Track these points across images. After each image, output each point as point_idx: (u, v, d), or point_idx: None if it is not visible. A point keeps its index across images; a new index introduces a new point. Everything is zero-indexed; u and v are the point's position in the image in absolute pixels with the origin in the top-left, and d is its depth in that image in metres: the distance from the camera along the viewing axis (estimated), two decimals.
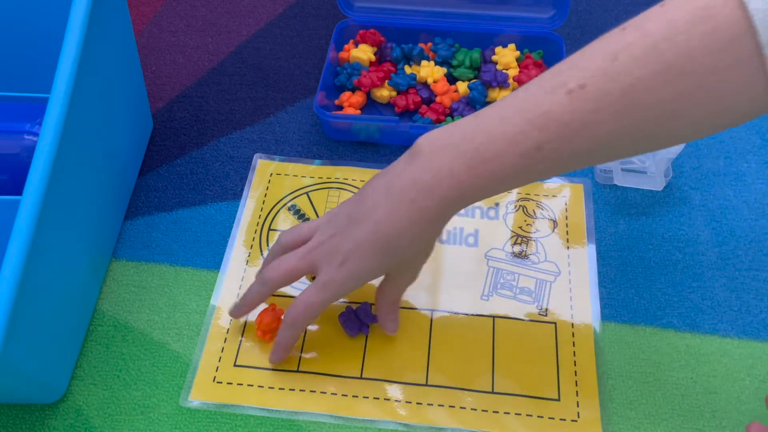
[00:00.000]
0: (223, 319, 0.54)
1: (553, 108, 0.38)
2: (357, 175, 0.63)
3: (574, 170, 0.41)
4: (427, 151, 0.42)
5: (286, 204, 0.61)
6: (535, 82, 0.40)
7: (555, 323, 0.54)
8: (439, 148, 0.42)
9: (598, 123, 0.38)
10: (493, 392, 0.50)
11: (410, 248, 0.45)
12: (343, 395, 0.50)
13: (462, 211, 0.60)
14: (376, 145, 0.66)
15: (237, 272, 0.57)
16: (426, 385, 0.51)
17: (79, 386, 0.51)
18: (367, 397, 0.50)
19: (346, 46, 0.72)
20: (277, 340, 0.50)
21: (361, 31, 0.71)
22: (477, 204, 0.61)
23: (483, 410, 0.49)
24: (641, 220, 0.60)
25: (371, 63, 0.70)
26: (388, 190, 0.44)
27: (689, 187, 0.62)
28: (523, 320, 0.54)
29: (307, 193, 0.62)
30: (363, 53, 0.70)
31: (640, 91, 0.37)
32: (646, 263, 0.57)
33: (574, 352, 0.52)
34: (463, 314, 0.54)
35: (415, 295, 0.55)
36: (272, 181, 0.63)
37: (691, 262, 0.57)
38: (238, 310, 0.52)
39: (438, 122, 0.65)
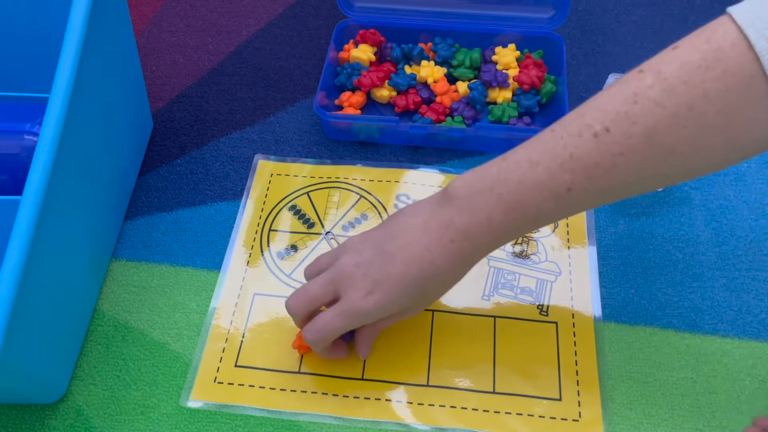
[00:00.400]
0: (223, 320, 0.54)
1: (580, 151, 0.40)
2: (357, 174, 0.63)
3: (603, 205, 0.43)
4: (462, 195, 0.44)
5: (286, 204, 0.61)
6: (559, 125, 0.42)
7: (556, 323, 0.54)
8: (475, 192, 0.43)
9: (624, 164, 0.39)
10: (494, 392, 0.50)
11: (440, 286, 0.46)
12: (344, 396, 0.50)
13: None
14: (376, 145, 0.66)
15: (237, 273, 0.57)
16: (427, 385, 0.51)
17: (79, 386, 0.51)
18: (369, 398, 0.50)
19: (346, 46, 0.72)
20: (317, 352, 0.50)
21: (361, 31, 0.71)
22: None
23: (484, 410, 0.49)
24: (641, 220, 0.60)
25: (371, 63, 0.70)
26: (425, 229, 0.44)
27: (689, 187, 0.62)
28: (524, 320, 0.54)
29: (307, 193, 0.62)
30: (363, 53, 0.70)
31: (661, 132, 0.38)
32: (646, 263, 0.57)
33: (576, 352, 0.52)
34: (464, 314, 0.54)
35: None
36: (272, 181, 0.63)
37: (691, 262, 0.57)
38: None
39: (438, 122, 0.65)
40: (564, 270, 0.57)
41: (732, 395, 0.50)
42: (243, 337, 0.53)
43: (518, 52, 0.70)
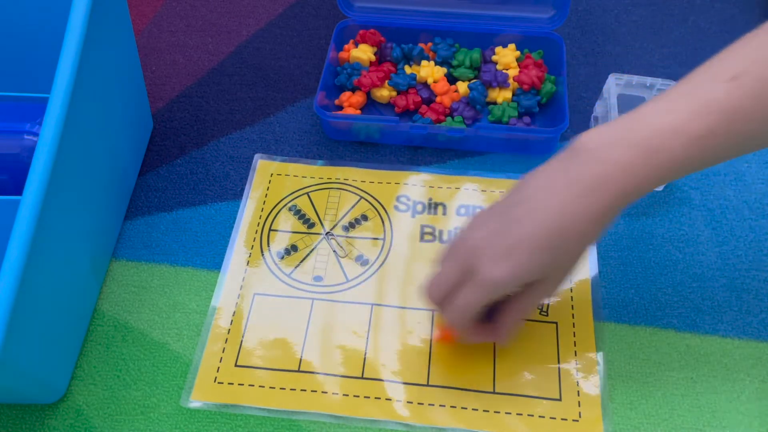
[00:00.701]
0: (223, 320, 0.54)
1: (718, 95, 0.40)
2: (357, 175, 0.63)
3: (740, 156, 0.42)
4: (593, 147, 0.42)
5: (286, 204, 0.61)
6: (692, 76, 0.41)
7: (556, 323, 0.54)
8: (607, 143, 0.41)
9: (763, 107, 0.39)
10: (494, 392, 0.50)
11: (576, 246, 0.43)
12: (344, 395, 0.50)
13: (463, 210, 0.60)
14: (376, 145, 0.66)
15: (238, 273, 0.57)
16: (427, 385, 0.51)
17: (79, 386, 0.51)
18: (368, 398, 0.50)
19: (346, 46, 0.72)
20: (462, 337, 0.49)
21: (361, 31, 0.71)
22: (478, 203, 0.61)
23: (484, 410, 0.49)
24: (641, 220, 0.60)
25: (371, 63, 0.70)
26: (552, 187, 0.42)
27: (689, 187, 0.62)
28: (524, 320, 0.54)
29: (307, 193, 0.62)
30: (363, 53, 0.70)
31: None
32: (646, 263, 0.57)
33: (575, 352, 0.52)
34: None
35: (415, 294, 0.55)
36: (273, 182, 0.63)
37: (691, 262, 0.57)
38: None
39: (438, 122, 0.65)
40: None
41: (732, 395, 0.50)
42: (243, 337, 0.53)
43: (518, 52, 0.70)
